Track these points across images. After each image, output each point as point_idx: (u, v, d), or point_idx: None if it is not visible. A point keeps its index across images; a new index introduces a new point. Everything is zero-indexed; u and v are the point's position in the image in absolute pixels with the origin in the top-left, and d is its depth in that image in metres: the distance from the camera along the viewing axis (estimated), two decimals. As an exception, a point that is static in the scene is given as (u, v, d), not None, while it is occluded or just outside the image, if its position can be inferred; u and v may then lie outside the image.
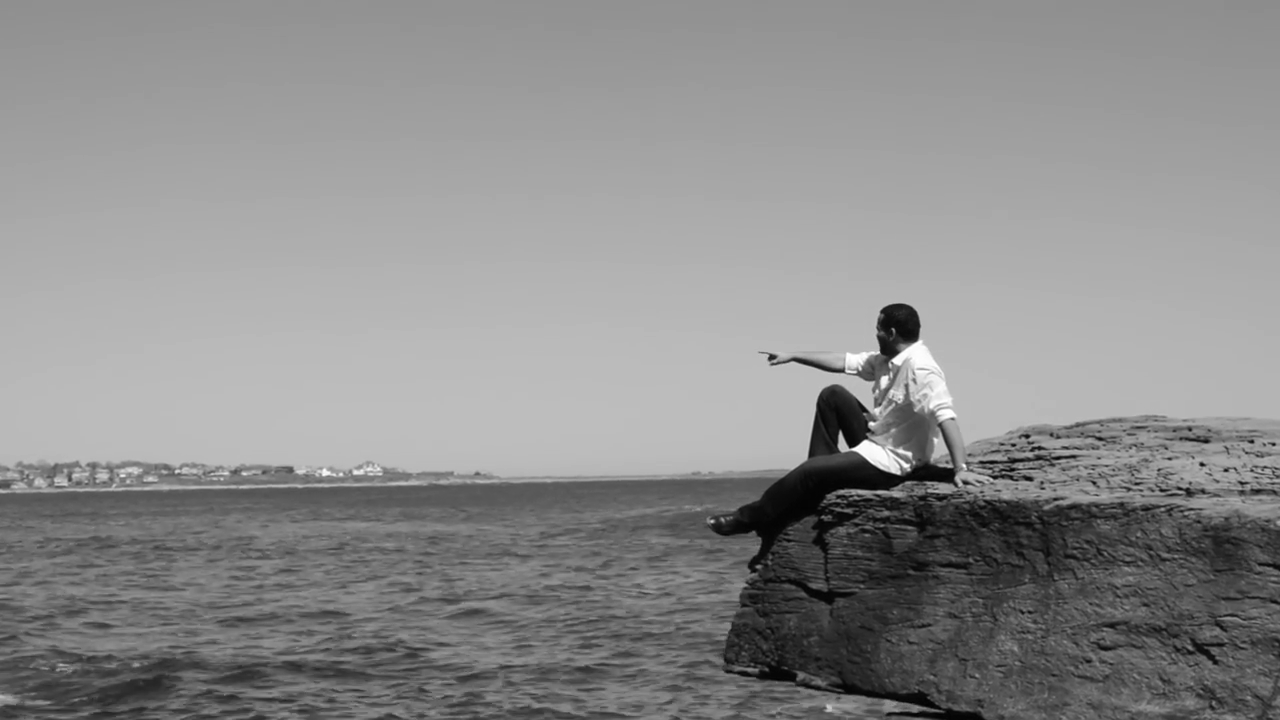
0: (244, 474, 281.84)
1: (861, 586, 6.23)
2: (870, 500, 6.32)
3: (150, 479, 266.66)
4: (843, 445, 6.76)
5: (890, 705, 7.16)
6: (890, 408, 6.53)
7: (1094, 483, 6.08)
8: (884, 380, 6.65)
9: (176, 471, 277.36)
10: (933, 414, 6.32)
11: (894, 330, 6.55)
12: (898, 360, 6.54)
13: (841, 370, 6.81)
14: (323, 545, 44.18)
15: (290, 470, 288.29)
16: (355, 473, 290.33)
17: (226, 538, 49.98)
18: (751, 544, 6.57)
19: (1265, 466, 6.00)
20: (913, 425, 6.48)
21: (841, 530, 6.34)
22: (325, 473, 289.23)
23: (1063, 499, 5.84)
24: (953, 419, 6.30)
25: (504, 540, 46.10)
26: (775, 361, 6.78)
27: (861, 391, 6.85)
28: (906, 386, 6.42)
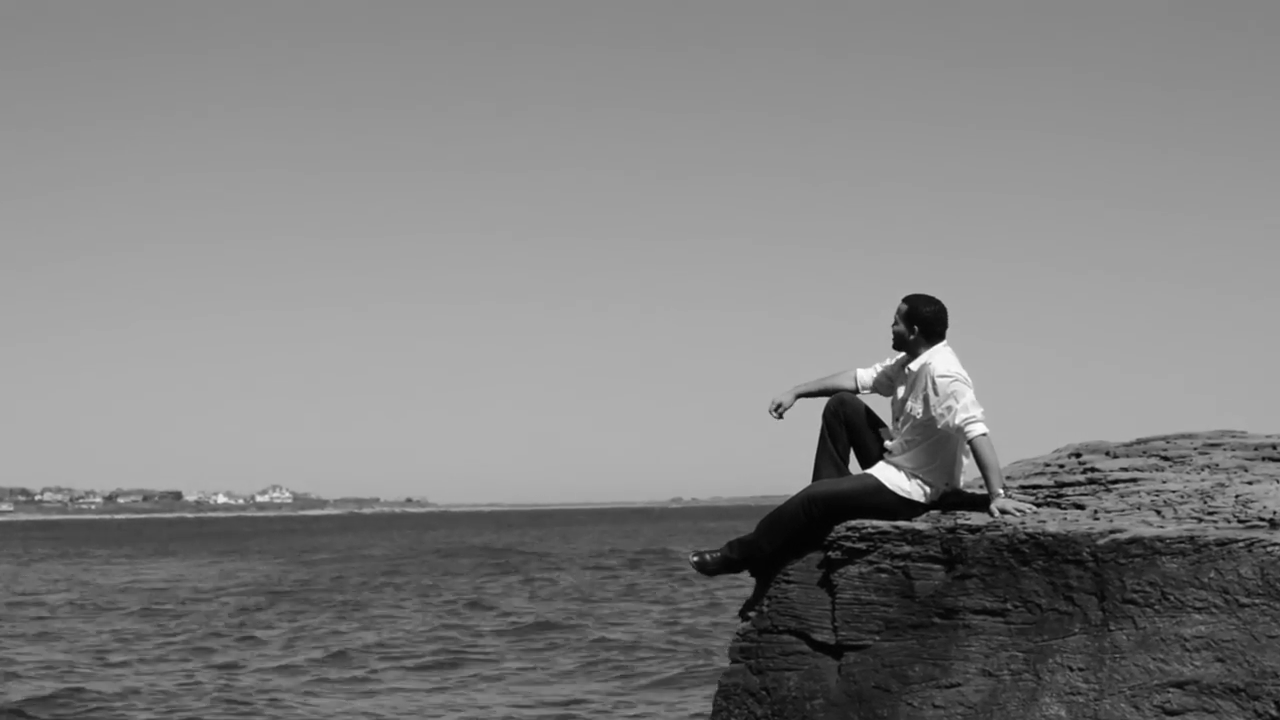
0: (120, 501, 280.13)
1: (877, 638, 6.19)
2: (888, 533, 6.28)
3: (4, 507, 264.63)
4: (855, 467, 6.74)
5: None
6: (909, 423, 6.50)
7: (1158, 512, 6.08)
8: (900, 390, 6.63)
9: (37, 498, 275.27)
10: (959, 429, 6.30)
11: (917, 328, 6.53)
12: (914, 365, 6.52)
13: (855, 390, 6.84)
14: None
15: (178, 496, 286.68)
16: (259, 499, 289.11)
17: None
18: (741, 585, 6.54)
19: (1363, 493, 6.01)
20: (936, 443, 6.45)
21: (853, 569, 6.31)
22: (221, 499, 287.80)
23: (1121, 532, 5.82)
24: (984, 435, 6.28)
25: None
26: (782, 409, 6.82)
27: (880, 403, 6.84)
28: (926, 397, 6.40)
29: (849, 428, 6.73)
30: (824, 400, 6.83)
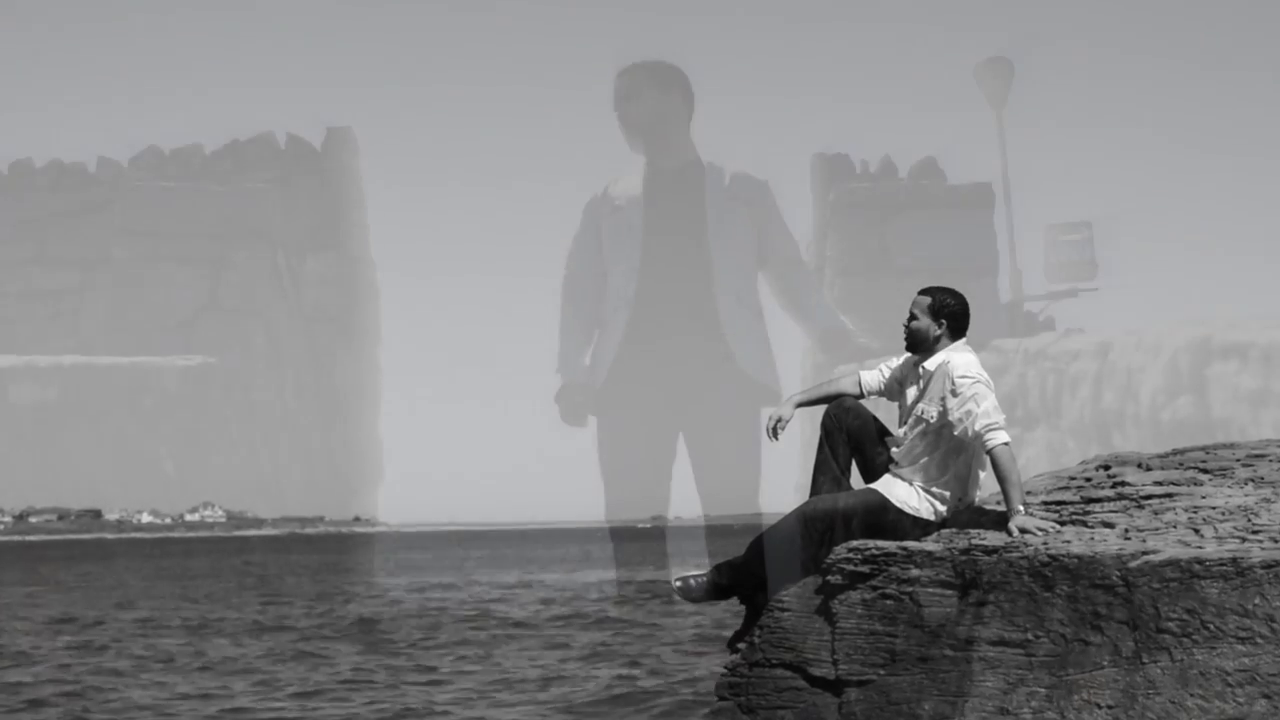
0: (32, 520, 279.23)
1: (881, 672, 6.18)
2: (894, 555, 6.27)
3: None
4: (857, 480, 6.72)
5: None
6: (919, 429, 6.50)
7: (1197, 531, 6.07)
8: (911, 392, 6.62)
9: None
10: (978, 437, 6.30)
11: (945, 322, 6.51)
12: (931, 364, 6.51)
13: (860, 396, 6.83)
14: None
15: (98, 515, 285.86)
16: (188, 518, 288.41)
17: None
18: (729, 613, 6.52)
19: None
20: (949, 452, 6.46)
21: (854, 595, 6.29)
22: (146, 519, 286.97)
23: (1155, 553, 5.82)
24: (1006, 444, 6.28)
25: None
26: (782, 425, 6.77)
27: (885, 408, 6.83)
28: (943, 400, 6.40)
29: (850, 437, 6.71)
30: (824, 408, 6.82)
